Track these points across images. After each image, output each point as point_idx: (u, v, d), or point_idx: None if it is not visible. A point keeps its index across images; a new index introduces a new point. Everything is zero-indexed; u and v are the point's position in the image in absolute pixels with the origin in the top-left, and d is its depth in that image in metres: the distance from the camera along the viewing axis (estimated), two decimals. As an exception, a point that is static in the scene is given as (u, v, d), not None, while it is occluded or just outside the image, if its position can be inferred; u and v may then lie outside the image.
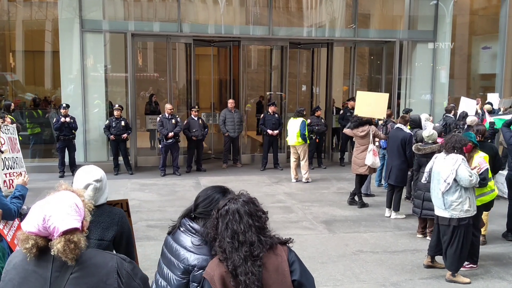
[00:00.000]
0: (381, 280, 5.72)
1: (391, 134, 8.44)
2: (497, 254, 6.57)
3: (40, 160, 12.30)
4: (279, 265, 2.34)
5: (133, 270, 2.22)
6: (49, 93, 14.55)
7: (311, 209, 8.68)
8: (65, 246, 1.99)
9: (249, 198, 2.46)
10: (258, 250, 2.30)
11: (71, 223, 2.05)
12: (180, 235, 2.70)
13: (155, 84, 15.29)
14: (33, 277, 2.08)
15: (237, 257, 2.29)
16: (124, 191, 9.63)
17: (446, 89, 13.72)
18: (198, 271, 2.56)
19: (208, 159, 13.32)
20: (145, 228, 7.45)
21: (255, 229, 2.35)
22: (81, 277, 2.06)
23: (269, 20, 12.57)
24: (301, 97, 15.03)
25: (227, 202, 2.42)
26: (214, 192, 2.72)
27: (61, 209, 2.07)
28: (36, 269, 2.08)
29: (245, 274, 2.26)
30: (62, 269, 2.06)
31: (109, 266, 2.12)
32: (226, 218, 2.37)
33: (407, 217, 8.14)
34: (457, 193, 5.47)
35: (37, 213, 2.07)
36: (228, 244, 2.32)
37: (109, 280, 2.09)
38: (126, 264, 2.18)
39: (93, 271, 2.08)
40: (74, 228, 2.05)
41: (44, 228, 2.03)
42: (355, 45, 13.46)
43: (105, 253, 2.21)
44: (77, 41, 11.47)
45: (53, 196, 2.14)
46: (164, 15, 12.92)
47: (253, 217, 2.37)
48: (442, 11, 13.41)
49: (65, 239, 2.01)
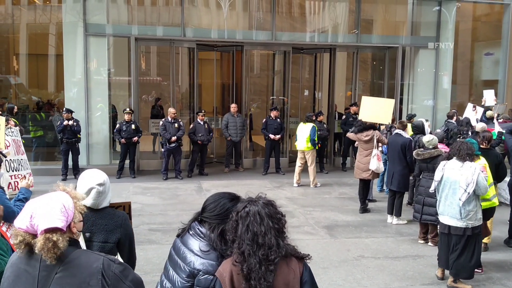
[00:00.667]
0: (382, 285, 5.72)
1: (391, 140, 8.43)
2: (499, 261, 6.55)
3: (43, 163, 12.33)
4: (290, 281, 2.33)
5: (123, 272, 2.19)
6: (53, 96, 14.61)
7: (313, 214, 8.68)
8: (43, 245, 2.03)
9: (268, 200, 2.46)
10: (274, 255, 2.30)
11: (53, 222, 2.08)
12: (189, 239, 2.71)
13: (158, 88, 15.34)
14: (24, 276, 2.13)
15: (253, 260, 2.29)
16: (127, 195, 9.64)
17: (448, 95, 13.72)
18: (203, 275, 2.57)
19: (210, 163, 13.33)
20: (147, 231, 7.46)
21: (274, 231, 2.35)
22: (64, 277, 2.08)
23: (272, 25, 12.61)
24: (304, 102, 15.04)
25: (247, 204, 2.42)
26: (223, 198, 2.72)
27: (47, 208, 2.11)
28: (26, 268, 2.13)
29: (258, 279, 2.27)
30: (48, 268, 2.09)
31: (93, 267, 2.12)
32: (247, 220, 2.36)
33: (408, 223, 8.12)
34: (473, 202, 5.43)
35: (26, 211, 2.12)
36: (248, 246, 2.32)
37: (92, 281, 2.09)
38: (114, 266, 2.17)
39: (76, 272, 2.09)
40: (55, 228, 2.08)
41: (30, 225, 2.08)
42: (357, 51, 13.48)
43: (92, 254, 2.21)
44: (80, 44, 11.51)
45: (45, 195, 2.19)
46: (168, 20, 12.98)
47: (273, 219, 2.38)
48: (444, 17, 13.43)
49: (44, 238, 2.04)
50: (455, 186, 5.46)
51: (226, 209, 2.65)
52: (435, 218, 6.92)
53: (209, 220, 2.67)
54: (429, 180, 7.03)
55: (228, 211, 2.62)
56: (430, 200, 6.96)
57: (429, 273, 6.08)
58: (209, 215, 2.68)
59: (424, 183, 7.09)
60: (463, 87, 16.14)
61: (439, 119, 13.28)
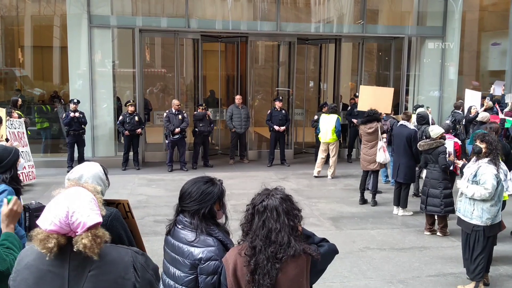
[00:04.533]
0: (388, 277, 5.71)
1: (396, 131, 8.38)
2: (506, 252, 6.52)
3: (49, 155, 12.37)
4: (295, 277, 2.31)
5: (146, 262, 2.22)
6: (57, 89, 14.62)
7: (318, 206, 8.67)
8: (92, 241, 1.98)
9: (285, 195, 2.43)
10: (283, 253, 2.28)
11: (96, 217, 2.04)
12: (180, 233, 2.71)
13: (162, 79, 15.31)
14: (49, 277, 2.05)
15: (262, 256, 2.28)
16: (132, 187, 9.66)
17: (455, 85, 13.60)
18: (205, 263, 2.58)
19: (215, 155, 13.33)
20: (152, 223, 7.48)
21: (289, 229, 2.31)
22: (99, 274, 2.05)
23: (277, 16, 12.53)
24: (309, 93, 14.99)
25: (264, 198, 2.38)
26: (197, 182, 2.72)
27: (84, 204, 2.05)
28: (51, 269, 2.05)
29: (262, 274, 2.26)
30: (79, 267, 2.04)
31: (125, 261, 2.12)
32: (264, 215, 2.33)
33: (414, 214, 8.10)
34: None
35: (58, 210, 2.02)
36: (260, 242, 2.30)
37: (127, 274, 2.09)
38: (139, 257, 2.19)
39: (111, 268, 2.07)
40: (99, 223, 2.05)
41: (66, 224, 2.00)
42: (363, 41, 13.38)
43: (120, 248, 2.20)
44: (85, 36, 11.50)
45: (69, 192, 2.10)
46: (172, 11, 12.92)
47: (290, 216, 2.34)
48: (451, 7, 13.28)
49: (91, 234, 1.99)
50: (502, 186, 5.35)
51: (202, 192, 2.66)
52: (439, 209, 6.92)
53: (189, 208, 2.67)
54: (433, 171, 7.01)
55: (204, 194, 2.64)
56: (434, 192, 6.96)
57: (435, 264, 6.06)
58: (188, 202, 2.68)
59: (429, 174, 7.06)
60: (469, 77, 15.99)
61: (446, 110, 13.19)
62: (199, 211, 2.64)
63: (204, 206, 2.64)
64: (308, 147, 14.03)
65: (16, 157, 3.72)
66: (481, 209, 5.20)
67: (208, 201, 2.65)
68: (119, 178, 9.98)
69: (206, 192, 2.66)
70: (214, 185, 2.71)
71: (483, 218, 5.19)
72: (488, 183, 5.10)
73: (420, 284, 5.54)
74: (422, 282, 5.58)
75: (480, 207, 5.20)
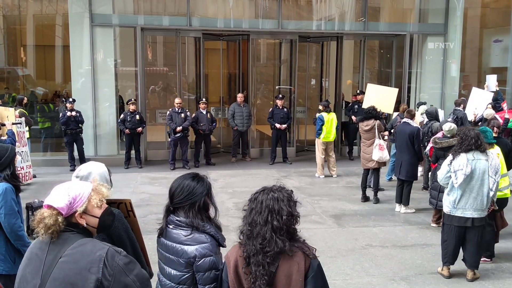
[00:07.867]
0: (390, 274, 5.72)
1: (399, 129, 8.38)
2: (509, 249, 6.53)
3: (51, 154, 12.40)
4: (292, 273, 2.32)
5: (128, 265, 2.16)
6: (60, 87, 14.65)
7: (320, 203, 8.68)
8: (39, 218, 2.14)
9: (285, 195, 2.42)
10: (269, 248, 2.31)
11: (54, 201, 2.19)
12: (172, 233, 2.73)
13: (164, 78, 15.32)
14: (34, 259, 2.18)
15: (252, 246, 2.33)
16: (134, 185, 9.69)
17: (457, 82, 13.58)
18: (200, 260, 2.62)
19: (217, 153, 13.35)
20: (155, 221, 7.43)
21: (271, 226, 2.33)
22: (67, 262, 2.10)
23: (278, 14, 12.52)
24: (310, 91, 14.98)
25: (260, 191, 2.46)
26: (185, 179, 2.78)
27: (60, 190, 2.24)
28: (37, 252, 2.19)
29: (257, 265, 2.30)
30: (54, 252, 2.13)
31: (96, 255, 2.11)
32: (252, 205, 2.43)
33: (417, 212, 8.11)
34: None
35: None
36: (247, 230, 2.39)
37: (93, 268, 2.08)
38: (119, 257, 2.15)
39: (79, 258, 2.10)
40: (51, 206, 2.20)
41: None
42: (365, 39, 13.36)
43: (99, 243, 2.19)
44: (87, 35, 11.50)
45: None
46: (174, 9, 12.93)
47: (273, 215, 2.34)
48: (453, 4, 13.24)
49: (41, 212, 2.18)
50: (484, 177, 5.32)
51: (192, 188, 2.71)
52: None
53: (183, 203, 2.71)
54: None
55: (194, 190, 2.70)
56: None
57: (438, 262, 6.06)
58: (179, 200, 2.72)
59: None
60: (471, 74, 15.95)
61: (448, 107, 13.16)
62: (194, 204, 2.69)
63: (198, 199, 2.70)
64: (310, 145, 14.02)
65: (13, 153, 3.78)
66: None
67: (200, 194, 2.72)
68: (122, 176, 10.00)
69: (197, 186, 2.73)
70: (201, 179, 2.79)
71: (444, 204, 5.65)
72: (440, 172, 5.60)
73: (422, 281, 5.55)
74: (424, 279, 5.59)
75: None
